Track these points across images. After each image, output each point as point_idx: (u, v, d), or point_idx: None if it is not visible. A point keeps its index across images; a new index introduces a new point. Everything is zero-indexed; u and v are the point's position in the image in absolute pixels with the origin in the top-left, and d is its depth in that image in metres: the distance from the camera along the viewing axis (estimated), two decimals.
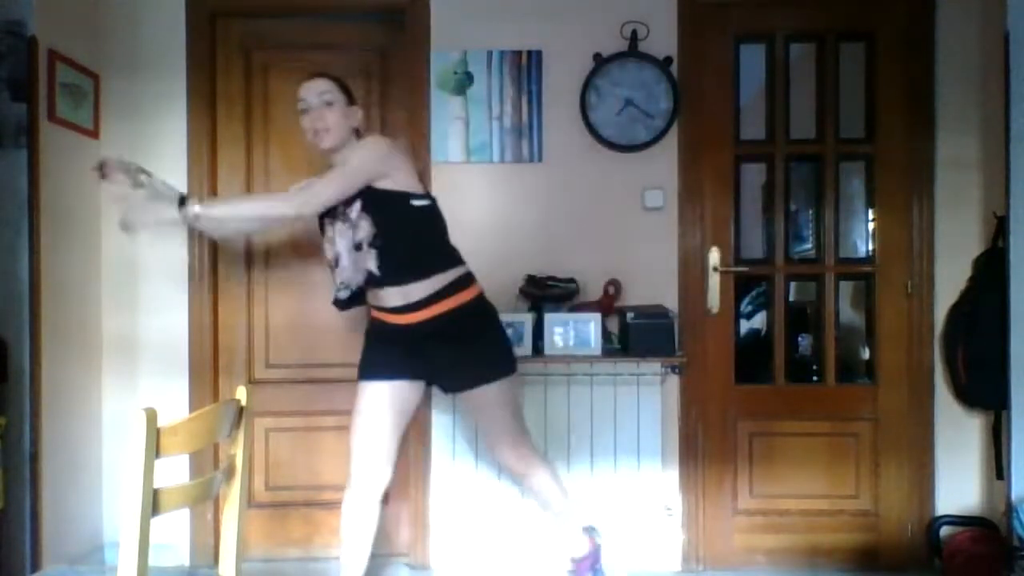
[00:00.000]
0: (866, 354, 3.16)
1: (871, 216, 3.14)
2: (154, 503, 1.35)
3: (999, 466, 2.74)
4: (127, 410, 2.72)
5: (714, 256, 2.97)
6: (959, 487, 2.93)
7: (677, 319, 2.90)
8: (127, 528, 1.33)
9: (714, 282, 2.98)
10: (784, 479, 2.98)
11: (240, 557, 1.66)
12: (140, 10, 2.97)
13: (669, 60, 2.95)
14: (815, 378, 3.13)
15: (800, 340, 3.28)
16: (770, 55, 3.05)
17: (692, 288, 2.97)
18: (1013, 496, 2.42)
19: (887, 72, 3.00)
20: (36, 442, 2.51)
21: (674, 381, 2.95)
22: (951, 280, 2.91)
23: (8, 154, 2.49)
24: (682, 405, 2.96)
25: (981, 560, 2.65)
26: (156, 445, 1.34)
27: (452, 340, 2.24)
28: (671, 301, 2.94)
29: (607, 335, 2.83)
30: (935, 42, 2.95)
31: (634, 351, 2.76)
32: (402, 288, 2.20)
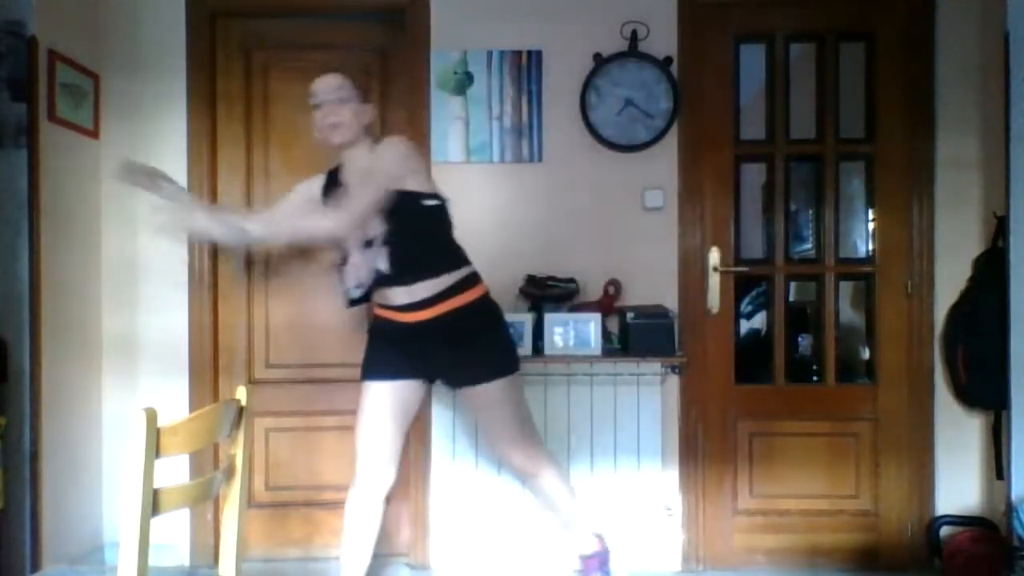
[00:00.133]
0: (866, 354, 3.16)
1: (871, 216, 3.14)
2: (154, 503, 1.35)
3: (999, 466, 2.74)
4: (127, 410, 2.71)
5: (714, 256, 2.98)
6: (959, 487, 2.93)
7: (677, 319, 2.90)
8: (127, 528, 1.33)
9: (714, 282, 2.98)
10: (784, 479, 2.99)
11: (240, 557, 1.66)
12: (140, 10, 2.97)
13: (669, 60, 2.95)
14: (815, 378, 3.13)
15: (800, 340, 3.28)
16: (770, 55, 3.05)
17: (692, 288, 2.97)
18: (1013, 496, 2.42)
19: (887, 72, 3.00)
20: (36, 442, 2.51)
21: (674, 381, 2.95)
22: (951, 280, 2.91)
23: (8, 154, 2.49)
24: (682, 405, 2.96)
25: (981, 560, 2.65)
26: (156, 445, 1.34)
27: (456, 338, 2.25)
28: (671, 301, 2.94)
29: (607, 335, 2.83)
30: (935, 42, 2.95)
31: (634, 351, 2.76)
32: (409, 287, 2.21)
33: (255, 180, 3.07)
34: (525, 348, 2.72)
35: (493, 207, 2.97)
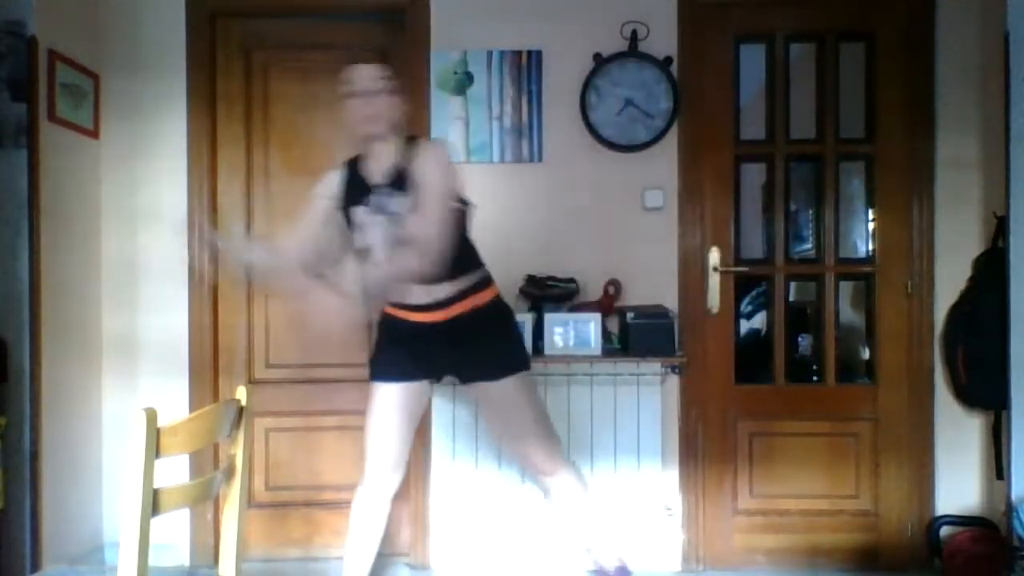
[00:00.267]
0: (866, 354, 3.16)
1: (871, 216, 3.13)
2: (154, 503, 1.35)
3: (999, 466, 2.74)
4: (127, 410, 2.71)
5: (714, 256, 2.97)
6: (959, 487, 2.93)
7: (677, 319, 2.90)
8: (127, 528, 1.33)
9: (714, 282, 2.98)
10: (784, 479, 2.98)
11: (240, 557, 1.66)
12: (140, 10, 2.97)
13: (669, 60, 2.95)
14: (815, 378, 3.13)
15: (800, 340, 3.28)
16: (770, 55, 3.05)
17: (692, 288, 2.97)
18: (1013, 496, 2.42)
19: (887, 72, 3.00)
20: (36, 442, 2.51)
21: (674, 381, 2.95)
22: (951, 280, 2.91)
23: (8, 154, 2.49)
24: (682, 405, 2.96)
25: (981, 560, 2.65)
26: (156, 445, 1.34)
27: (469, 338, 2.24)
28: (671, 301, 2.94)
29: (607, 335, 2.83)
30: (935, 42, 2.95)
31: (634, 351, 2.76)
32: (430, 287, 2.19)
33: (255, 180, 3.07)
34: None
35: (493, 207, 2.96)
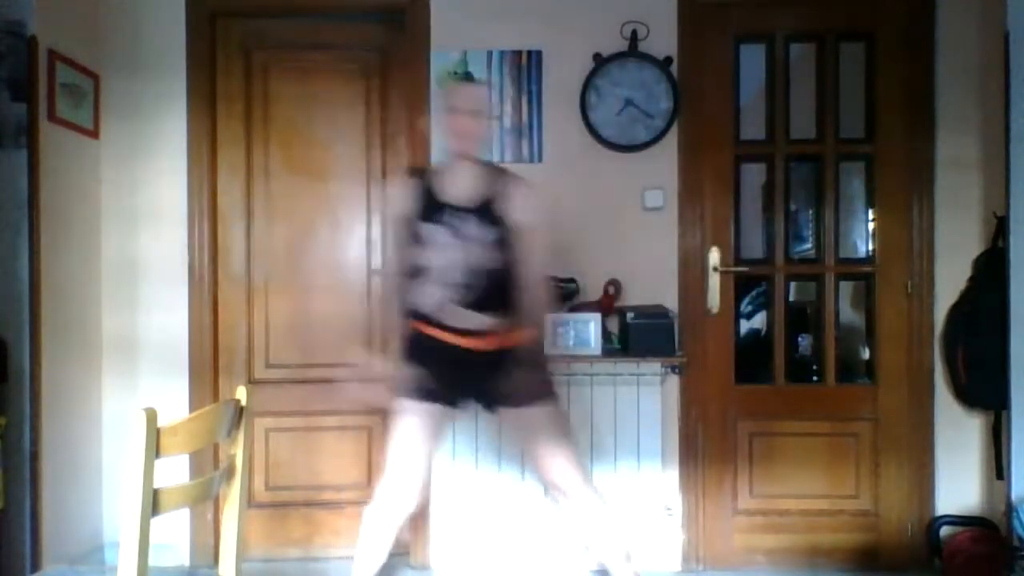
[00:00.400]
0: (866, 354, 3.16)
1: (871, 216, 3.14)
2: (154, 503, 1.35)
3: (999, 466, 2.74)
4: (127, 410, 2.69)
5: (714, 256, 2.97)
6: (959, 487, 2.93)
7: (677, 319, 2.90)
8: (127, 528, 1.33)
9: (714, 282, 2.98)
10: (784, 479, 2.98)
11: (240, 557, 1.66)
12: (140, 10, 2.97)
13: (669, 60, 2.95)
14: (815, 378, 3.13)
15: (800, 340, 3.28)
16: (770, 55, 3.05)
17: (692, 288, 2.97)
18: (1013, 496, 2.42)
19: (887, 72, 2.99)
20: (36, 442, 2.51)
21: (674, 381, 2.95)
22: (951, 280, 2.91)
23: (8, 154, 2.49)
24: (682, 405, 2.96)
25: (981, 560, 2.65)
26: (156, 445, 1.34)
27: (508, 368, 2.26)
28: (671, 301, 2.94)
29: (607, 335, 2.83)
30: (935, 42, 2.95)
31: (634, 351, 2.76)
32: (484, 315, 2.21)
33: (255, 180, 3.07)
34: None
35: None
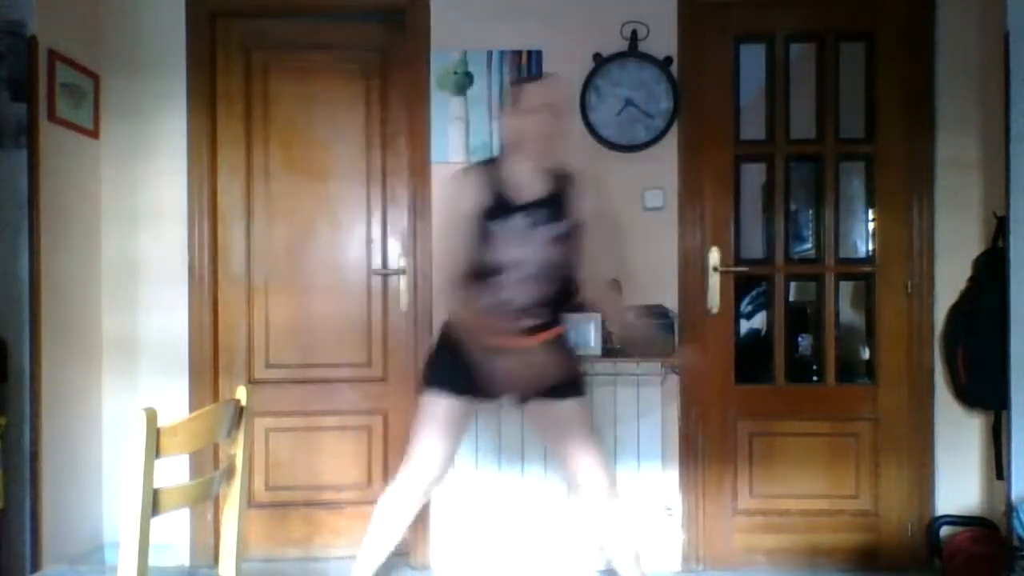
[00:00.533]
0: (866, 354, 3.16)
1: (871, 216, 3.14)
2: (154, 503, 1.35)
3: (999, 466, 2.74)
4: (127, 410, 2.69)
5: (714, 256, 2.97)
6: (959, 487, 2.93)
7: (677, 319, 2.90)
8: (127, 528, 1.33)
9: (714, 282, 2.98)
10: (784, 479, 2.98)
11: (240, 557, 1.66)
12: (140, 10, 2.96)
13: (669, 60, 2.95)
14: (815, 378, 3.13)
15: (800, 340, 3.28)
16: (770, 55, 3.05)
17: (692, 288, 2.97)
18: (1013, 496, 2.42)
19: (887, 72, 2.99)
20: (36, 442, 2.51)
21: (674, 381, 2.95)
22: (951, 280, 2.91)
23: (8, 154, 2.49)
24: (682, 405, 2.96)
25: (981, 560, 2.65)
26: (156, 445, 1.33)
27: (550, 361, 2.27)
28: (671, 301, 2.94)
29: (607, 335, 2.83)
30: (935, 42, 2.95)
31: (634, 351, 2.76)
32: (541, 312, 2.23)
33: (255, 180, 3.07)
34: None
35: None
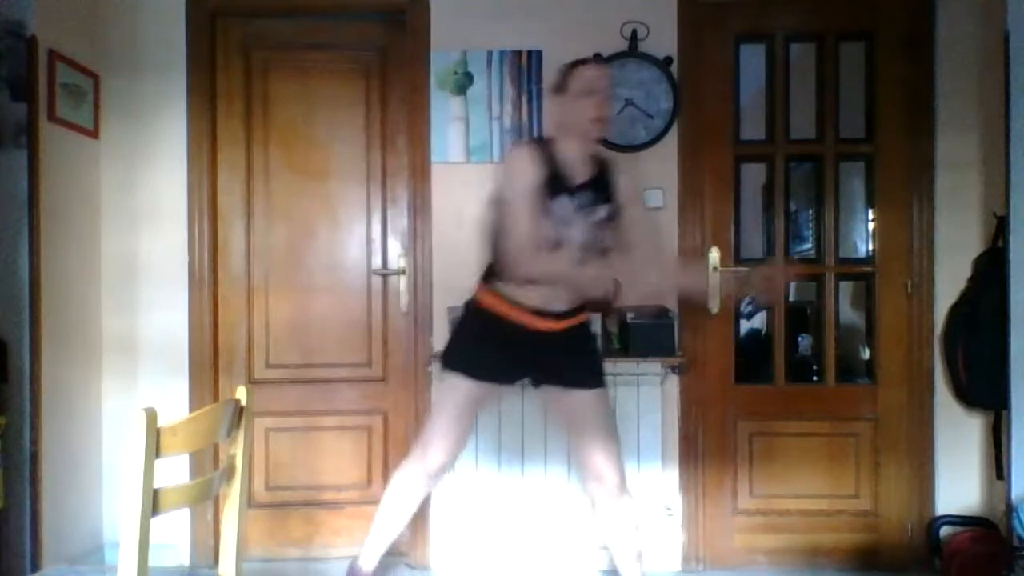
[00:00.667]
0: (866, 354, 3.16)
1: (871, 216, 3.14)
2: (154, 503, 1.35)
3: (999, 466, 2.74)
4: (127, 410, 2.70)
5: (714, 256, 2.97)
6: (959, 487, 2.93)
7: (677, 319, 2.90)
8: (127, 528, 1.33)
9: (714, 282, 2.98)
10: (784, 479, 2.98)
11: (240, 557, 1.66)
12: (140, 10, 2.96)
13: (669, 60, 2.95)
14: (815, 378, 3.13)
15: (800, 340, 3.28)
16: (770, 55, 3.05)
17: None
18: (1013, 496, 2.43)
19: (887, 72, 2.99)
20: (36, 442, 2.51)
21: (674, 381, 2.95)
22: (951, 280, 2.90)
23: (8, 154, 2.49)
24: (682, 405, 2.96)
25: (981, 560, 2.65)
26: (156, 445, 1.33)
27: (573, 349, 2.32)
28: (671, 301, 2.94)
29: (607, 335, 2.83)
30: (935, 42, 2.95)
31: (634, 351, 2.76)
32: (570, 299, 2.26)
33: (255, 180, 3.07)
34: None
35: None
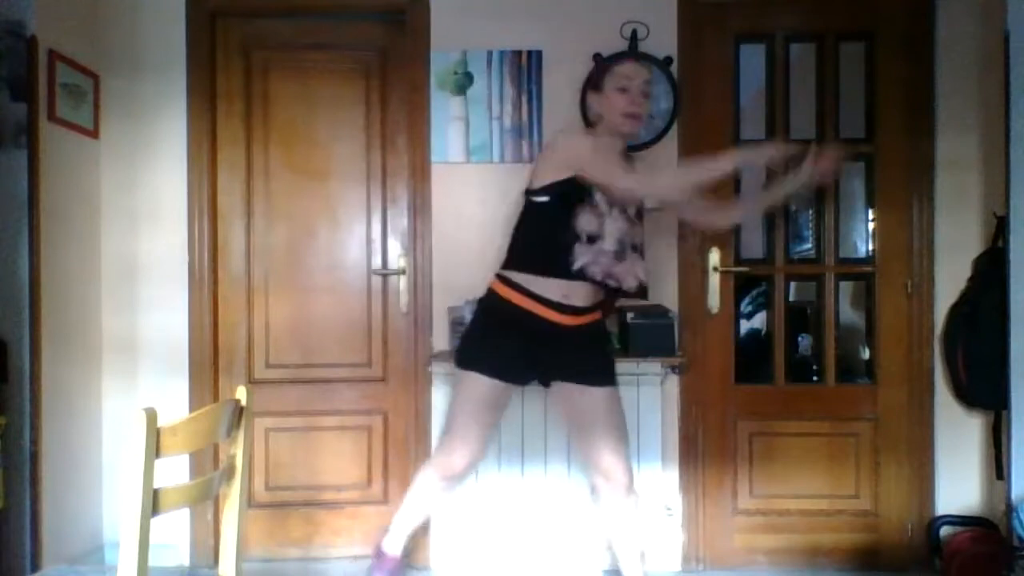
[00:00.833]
0: (866, 354, 3.16)
1: (871, 216, 3.13)
2: (154, 503, 1.35)
3: (999, 466, 2.74)
4: (127, 410, 2.71)
5: (714, 256, 2.97)
6: (959, 487, 2.93)
7: (677, 319, 2.90)
8: (127, 528, 1.33)
9: (714, 282, 2.98)
10: (784, 479, 2.98)
11: (240, 557, 1.66)
12: (140, 10, 2.96)
13: (669, 60, 2.95)
14: (815, 378, 3.13)
15: (800, 340, 3.28)
16: (770, 55, 3.05)
17: (692, 288, 2.97)
18: (1013, 496, 2.43)
19: (887, 72, 2.99)
20: (36, 442, 2.51)
21: (674, 381, 2.95)
22: (951, 280, 2.91)
23: (8, 154, 2.49)
24: (682, 405, 2.96)
25: (981, 560, 2.65)
26: (156, 445, 1.33)
27: (588, 345, 2.33)
28: (671, 301, 2.94)
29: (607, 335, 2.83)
30: (935, 42, 2.95)
31: (634, 351, 2.76)
32: (590, 295, 2.27)
33: (255, 179, 3.07)
34: None
35: (493, 207, 2.96)
